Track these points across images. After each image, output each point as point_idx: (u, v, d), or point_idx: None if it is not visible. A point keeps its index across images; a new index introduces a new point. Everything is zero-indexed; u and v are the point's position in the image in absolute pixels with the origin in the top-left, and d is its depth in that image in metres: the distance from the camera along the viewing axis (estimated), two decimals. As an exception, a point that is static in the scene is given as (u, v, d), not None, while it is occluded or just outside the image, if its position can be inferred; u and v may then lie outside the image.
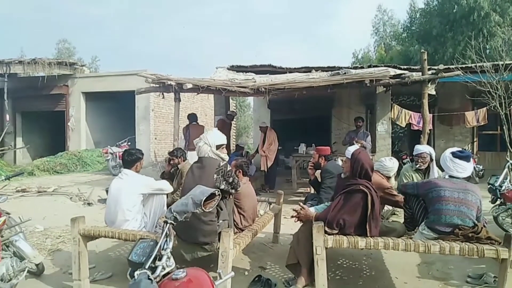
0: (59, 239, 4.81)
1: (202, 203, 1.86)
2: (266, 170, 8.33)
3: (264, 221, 3.94)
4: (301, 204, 3.12)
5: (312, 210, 3.11)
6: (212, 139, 3.26)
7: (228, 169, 3.06)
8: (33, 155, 13.66)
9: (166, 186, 3.75)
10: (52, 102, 13.30)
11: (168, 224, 1.87)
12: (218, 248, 2.86)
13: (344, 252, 4.12)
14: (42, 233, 5.02)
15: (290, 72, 9.29)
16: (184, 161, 4.66)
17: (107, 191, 6.99)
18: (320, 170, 4.33)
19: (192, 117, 8.32)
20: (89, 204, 6.80)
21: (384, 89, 8.25)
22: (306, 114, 11.96)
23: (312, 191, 5.38)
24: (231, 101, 12.80)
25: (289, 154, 11.97)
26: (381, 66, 9.13)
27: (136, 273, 1.67)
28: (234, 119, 10.70)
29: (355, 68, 9.18)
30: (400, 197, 3.47)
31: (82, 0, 58.51)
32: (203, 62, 58.67)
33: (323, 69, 9.17)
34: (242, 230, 3.56)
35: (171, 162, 4.63)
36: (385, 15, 28.75)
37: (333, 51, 58.91)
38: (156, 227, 3.61)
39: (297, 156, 8.89)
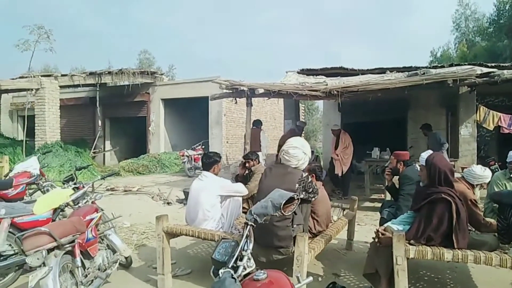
0: (143, 235, 5.21)
1: (281, 206, 1.89)
2: (340, 174, 7.95)
3: (338, 227, 3.87)
4: (381, 229, 2.99)
5: (393, 227, 2.96)
6: (309, 151, 3.29)
7: (309, 180, 3.07)
8: (119, 157, 15.00)
9: (242, 189, 3.88)
10: (135, 109, 14.50)
11: (248, 226, 1.93)
12: (293, 252, 2.88)
13: (424, 263, 3.87)
14: (129, 228, 5.48)
15: (362, 74, 9.01)
16: (258, 163, 4.76)
17: (184, 192, 7.46)
18: (398, 176, 4.13)
19: (255, 123, 8.42)
20: (168, 203, 7.26)
21: (469, 89, 7.60)
22: (379, 117, 11.47)
23: (388, 197, 5.15)
24: (300, 104, 12.78)
25: (361, 158, 11.58)
26: (464, 64, 8.44)
27: (221, 271, 1.76)
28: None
29: (435, 67, 8.60)
30: (481, 214, 3.18)
31: (157, 11, 63.27)
32: (272, 66, 59.39)
33: (399, 69, 8.76)
34: (316, 235, 3.54)
35: (247, 165, 4.76)
36: (467, 9, 26.48)
37: (407, 51, 55.78)
38: (232, 227, 3.74)
39: (370, 161, 8.59)
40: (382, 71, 8.85)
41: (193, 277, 3.77)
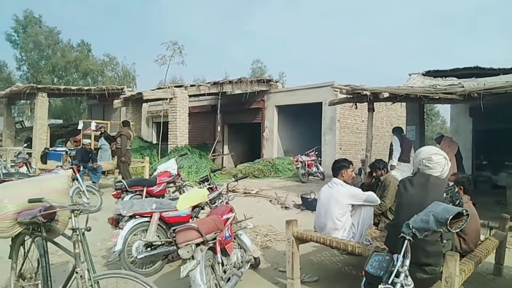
0: (266, 237, 5.35)
1: (448, 222, 1.71)
2: None
3: (488, 248, 3.39)
4: None
5: None
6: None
7: (456, 190, 2.76)
8: (235, 160, 15.93)
9: (374, 198, 3.69)
10: (251, 115, 15.23)
11: (406, 241, 1.80)
12: (440, 272, 2.60)
13: None
14: (252, 230, 5.69)
15: (504, 73, 7.86)
16: (386, 173, 4.50)
17: (301, 197, 7.49)
18: None
19: (397, 130, 7.71)
20: (286, 208, 7.38)
21: None
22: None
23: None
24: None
25: (498, 170, 10.09)
26: None
27: (380, 287, 1.67)
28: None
29: None
30: None
31: (270, 23, 65.99)
32: (386, 71, 56.25)
33: (555, 66, 7.40)
34: (462, 256, 3.15)
35: (374, 174, 4.54)
36: None
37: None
38: (362, 238, 3.59)
39: (514, 173, 7.38)
40: (531, 69, 7.59)
41: (320, 285, 3.71)
